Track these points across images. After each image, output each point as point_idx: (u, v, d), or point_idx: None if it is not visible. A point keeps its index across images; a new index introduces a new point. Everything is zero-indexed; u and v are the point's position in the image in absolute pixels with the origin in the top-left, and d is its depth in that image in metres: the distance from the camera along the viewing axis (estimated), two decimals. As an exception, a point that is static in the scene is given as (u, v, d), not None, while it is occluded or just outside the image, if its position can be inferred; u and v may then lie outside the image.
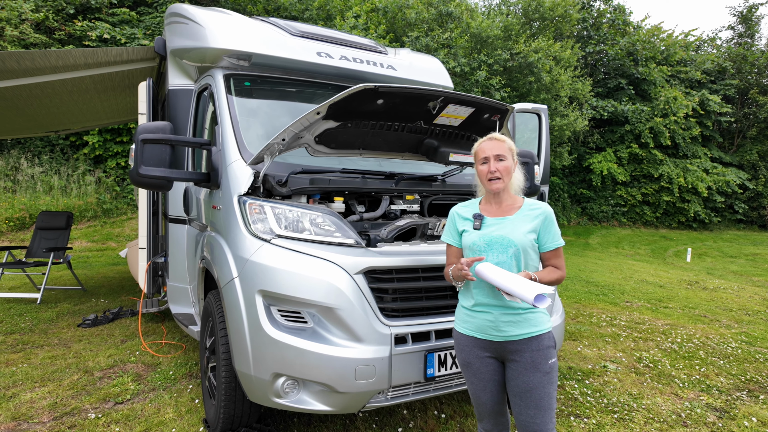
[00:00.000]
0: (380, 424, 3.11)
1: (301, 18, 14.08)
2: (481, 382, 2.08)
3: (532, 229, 2.03)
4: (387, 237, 2.74)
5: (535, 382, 1.95)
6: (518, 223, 2.05)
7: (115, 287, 7.00)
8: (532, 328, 1.99)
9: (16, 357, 4.12)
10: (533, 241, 2.03)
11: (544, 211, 2.06)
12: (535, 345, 1.98)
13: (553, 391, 1.98)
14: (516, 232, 2.02)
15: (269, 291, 2.41)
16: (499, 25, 15.04)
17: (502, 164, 2.05)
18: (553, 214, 2.07)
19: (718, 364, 4.49)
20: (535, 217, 2.05)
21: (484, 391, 2.09)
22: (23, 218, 10.41)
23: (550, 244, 2.05)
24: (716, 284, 8.98)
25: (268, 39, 3.59)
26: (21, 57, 4.30)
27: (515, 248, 2.00)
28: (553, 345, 2.02)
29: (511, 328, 1.99)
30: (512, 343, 2.00)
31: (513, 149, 2.10)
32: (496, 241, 2.02)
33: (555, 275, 2.04)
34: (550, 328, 2.04)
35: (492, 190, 2.08)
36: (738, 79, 22.30)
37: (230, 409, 2.65)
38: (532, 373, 1.95)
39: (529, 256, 2.03)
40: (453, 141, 3.16)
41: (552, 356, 1.99)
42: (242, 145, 2.98)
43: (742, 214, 21.13)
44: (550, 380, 1.96)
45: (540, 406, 1.94)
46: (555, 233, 2.06)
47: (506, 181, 2.07)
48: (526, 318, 2.00)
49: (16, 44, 11.47)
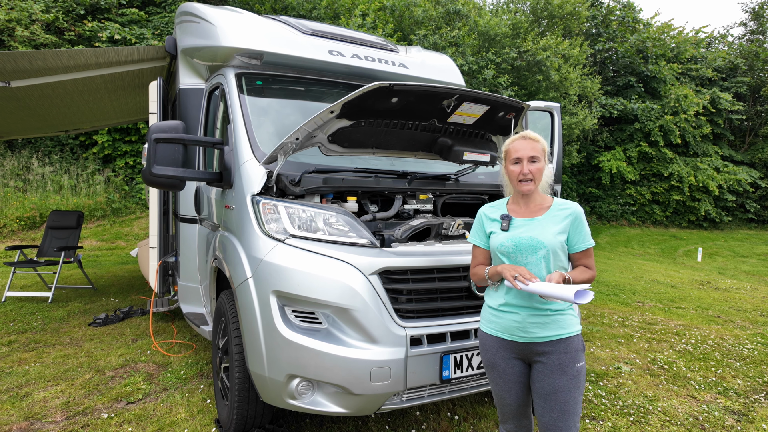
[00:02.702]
0: (393, 426, 3.08)
1: (309, 16, 14.07)
2: (507, 383, 2.04)
3: (561, 230, 1.98)
4: (401, 237, 2.71)
5: (560, 385, 1.91)
6: (547, 224, 1.99)
7: (125, 286, 7.03)
8: (560, 330, 1.95)
9: (29, 356, 4.14)
10: (563, 242, 1.98)
11: (574, 212, 2.00)
12: (562, 347, 1.94)
13: (579, 396, 1.93)
14: (545, 233, 1.97)
15: (283, 291, 2.38)
16: (507, 23, 14.95)
17: (535, 166, 1.99)
18: (583, 214, 2.01)
19: (734, 365, 4.42)
20: (564, 218, 2.00)
21: (509, 392, 2.05)
22: (34, 217, 10.49)
23: (580, 245, 2.00)
24: (728, 284, 8.87)
25: (280, 37, 3.57)
26: (33, 57, 4.31)
27: (545, 250, 1.95)
28: (582, 348, 1.97)
29: (538, 330, 1.95)
30: (539, 345, 1.96)
31: (546, 149, 2.04)
32: (525, 243, 1.97)
33: (586, 275, 1.99)
34: (578, 331, 1.99)
35: (523, 192, 2.02)
36: (750, 76, 22.01)
37: (243, 410, 2.64)
38: (559, 375, 1.91)
39: (558, 257, 1.98)
40: (467, 140, 3.12)
41: (580, 360, 1.94)
42: (255, 145, 2.96)
43: (753, 213, 20.86)
44: (576, 384, 1.91)
45: (564, 409, 1.89)
46: (585, 234, 2.00)
47: (538, 183, 2.03)
48: (555, 320, 1.95)
49: (26, 45, 11.55)
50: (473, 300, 2.62)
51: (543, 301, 1.94)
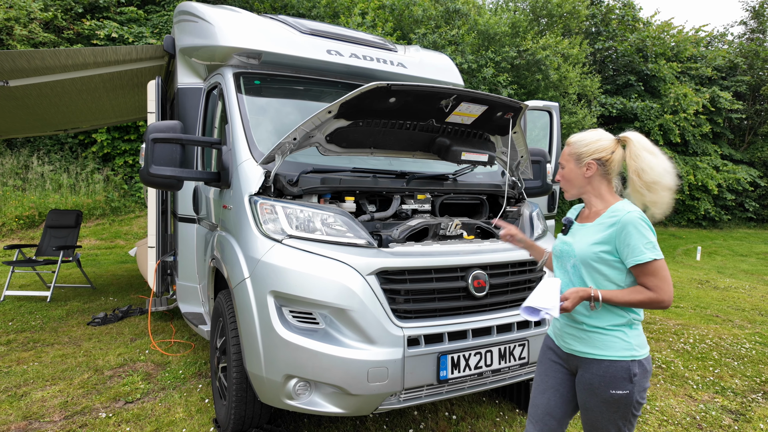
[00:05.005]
0: (391, 425, 3.09)
1: (308, 16, 14.05)
2: (543, 384, 1.96)
3: (600, 240, 1.76)
4: (399, 237, 2.71)
5: (590, 405, 1.78)
6: (590, 233, 1.82)
7: (123, 285, 7.03)
8: (598, 351, 1.75)
9: (27, 355, 4.14)
10: (600, 254, 1.75)
11: (619, 220, 1.73)
12: (597, 368, 1.74)
13: (618, 422, 1.74)
14: (581, 242, 1.82)
15: (281, 292, 2.38)
16: (507, 21, 14.92)
17: (561, 172, 1.92)
18: (636, 223, 1.70)
19: (732, 365, 4.43)
20: (608, 227, 1.76)
21: (542, 394, 1.95)
22: (33, 216, 10.48)
23: (630, 259, 1.70)
24: (727, 283, 8.88)
25: (278, 37, 3.57)
26: (31, 56, 4.30)
27: (574, 259, 1.82)
28: (627, 377, 1.70)
29: (574, 343, 1.83)
30: (576, 358, 1.82)
31: (578, 153, 1.86)
32: (564, 249, 1.89)
33: (638, 296, 1.69)
34: (626, 357, 1.71)
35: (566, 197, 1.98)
36: (750, 75, 21.97)
37: (241, 409, 2.64)
38: (589, 396, 1.77)
39: (596, 270, 1.77)
40: (465, 139, 3.12)
41: (620, 388, 1.70)
42: (253, 144, 2.96)
43: (752, 212, 20.85)
44: (611, 409, 1.73)
45: (595, 427, 1.80)
46: (634, 246, 1.68)
47: (570, 189, 1.92)
48: (592, 336, 1.77)
49: (25, 43, 11.53)
50: (471, 300, 2.62)
51: (580, 312, 1.79)
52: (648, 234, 1.70)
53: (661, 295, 1.67)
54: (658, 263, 1.68)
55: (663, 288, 1.67)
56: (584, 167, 1.85)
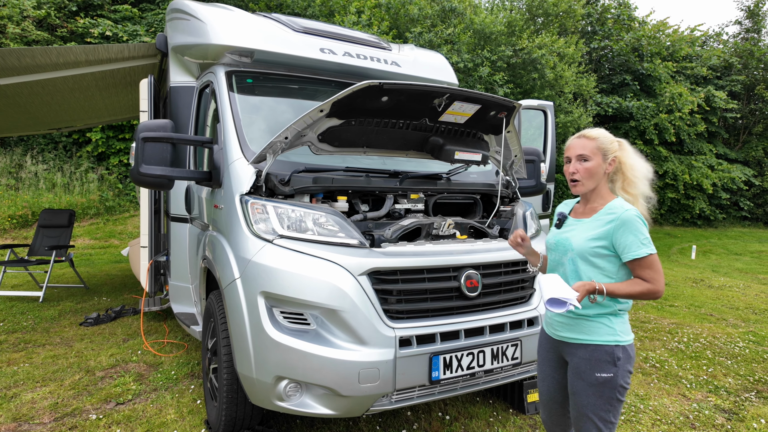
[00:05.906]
0: (384, 426, 3.08)
1: (303, 14, 14.00)
2: (542, 373, 2.12)
3: (597, 235, 1.85)
4: (391, 237, 2.69)
5: (577, 389, 1.88)
6: (586, 228, 1.90)
7: (117, 285, 6.99)
8: (585, 336, 1.87)
9: (18, 356, 4.11)
10: (597, 249, 1.85)
11: (618, 217, 1.82)
12: (583, 353, 1.87)
13: (603, 405, 1.83)
14: (579, 237, 1.89)
15: (271, 292, 2.36)
16: (503, 20, 14.91)
17: (583, 165, 1.90)
18: (633, 220, 1.80)
19: (725, 364, 4.43)
20: (606, 223, 1.85)
21: (542, 382, 2.12)
22: (26, 216, 10.41)
23: (627, 254, 1.80)
24: (722, 282, 8.91)
25: (271, 35, 3.54)
26: (22, 54, 4.26)
27: (572, 253, 1.90)
28: (611, 361, 1.82)
29: (563, 330, 1.95)
30: (565, 345, 1.96)
31: (605, 148, 1.90)
32: (560, 243, 1.96)
33: (637, 288, 1.79)
34: (609, 341, 1.83)
35: (573, 192, 1.98)
36: (744, 74, 22.07)
37: (232, 411, 2.62)
38: (576, 379, 1.88)
39: (593, 264, 1.86)
40: (458, 139, 3.11)
41: (604, 371, 1.81)
42: (244, 144, 2.93)
43: (747, 211, 20.97)
44: (596, 393, 1.83)
45: (581, 412, 1.87)
46: (632, 242, 1.79)
47: (587, 184, 1.92)
48: (579, 323, 1.89)
49: (18, 41, 11.44)
50: (463, 300, 2.61)
51: None
52: (644, 230, 1.82)
53: (657, 285, 1.80)
54: (654, 257, 1.81)
55: (658, 279, 1.80)
56: (608, 164, 1.93)
